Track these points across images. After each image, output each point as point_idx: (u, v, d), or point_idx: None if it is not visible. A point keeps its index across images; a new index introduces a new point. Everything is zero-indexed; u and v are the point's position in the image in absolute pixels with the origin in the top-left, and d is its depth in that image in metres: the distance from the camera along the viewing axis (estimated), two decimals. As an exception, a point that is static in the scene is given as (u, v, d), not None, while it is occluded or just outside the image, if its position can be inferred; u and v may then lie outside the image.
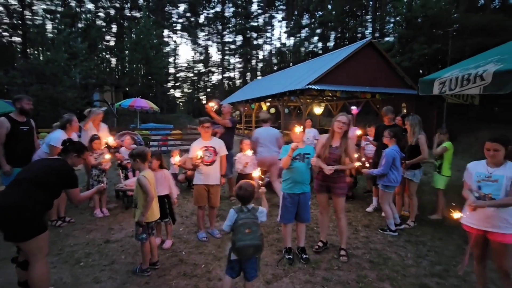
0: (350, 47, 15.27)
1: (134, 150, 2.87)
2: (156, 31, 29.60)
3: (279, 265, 3.02)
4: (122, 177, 4.98)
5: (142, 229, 2.74)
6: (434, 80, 4.36)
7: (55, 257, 3.08)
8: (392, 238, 3.75)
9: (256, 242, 2.13)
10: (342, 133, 3.12)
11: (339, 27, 34.11)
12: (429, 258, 3.23)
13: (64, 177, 2.31)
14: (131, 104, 13.60)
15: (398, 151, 3.84)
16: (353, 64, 13.53)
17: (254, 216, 2.22)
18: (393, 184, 3.81)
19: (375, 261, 3.14)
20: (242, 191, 2.25)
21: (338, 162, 3.09)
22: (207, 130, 3.66)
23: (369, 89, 13.38)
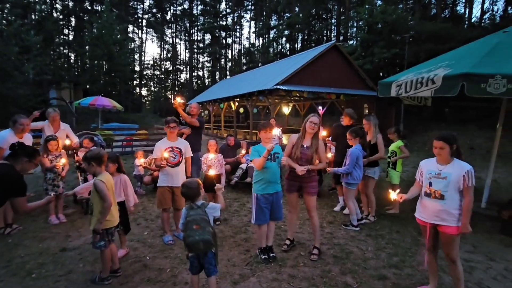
0: (316, 49, 15.77)
1: (88, 153, 2.66)
2: (119, 26, 28.23)
3: (248, 264, 3.03)
4: (81, 180, 4.69)
5: (100, 237, 2.57)
6: (391, 82, 4.64)
7: (2, 269, 2.83)
8: (354, 233, 3.93)
9: (205, 237, 2.19)
10: (313, 134, 3.21)
11: (306, 29, 35.09)
12: (387, 251, 3.43)
13: (9, 185, 2.09)
14: (91, 102, 12.86)
15: (361, 150, 4.03)
16: (319, 66, 13.98)
17: (204, 212, 2.28)
18: (356, 181, 4.00)
19: (339, 256, 3.27)
20: (185, 188, 2.34)
21: (310, 162, 3.16)
22: (172, 131, 3.57)
23: (334, 90, 13.92)
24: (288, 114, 22.94)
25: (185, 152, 3.65)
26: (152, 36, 47.67)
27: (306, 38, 36.82)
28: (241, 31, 51.46)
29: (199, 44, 48.99)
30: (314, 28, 35.40)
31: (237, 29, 50.54)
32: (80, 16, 37.86)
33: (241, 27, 50.89)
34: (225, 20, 49.28)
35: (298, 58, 16.71)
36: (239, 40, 51.36)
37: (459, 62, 3.98)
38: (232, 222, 4.26)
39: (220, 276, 2.80)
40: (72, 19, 38.73)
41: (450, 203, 2.35)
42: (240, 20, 50.45)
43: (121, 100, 22.09)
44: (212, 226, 2.27)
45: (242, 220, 4.37)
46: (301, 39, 38.41)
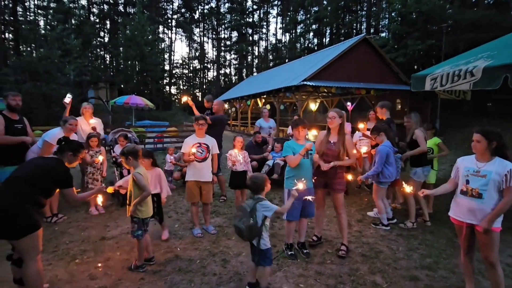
0: (345, 43, 15.31)
1: (125, 148, 2.88)
2: (150, 27, 29.33)
3: (275, 259, 3.07)
4: (117, 174, 4.99)
5: (138, 226, 2.76)
6: (426, 76, 4.41)
7: (50, 254, 3.10)
8: (384, 232, 3.82)
9: (239, 225, 2.29)
10: (338, 128, 3.19)
11: (334, 23, 34.07)
12: (419, 251, 3.30)
13: (58, 177, 2.30)
14: (126, 101, 13.54)
15: (390, 146, 3.88)
16: (348, 60, 13.58)
17: (252, 205, 2.35)
18: (387, 179, 3.86)
19: (367, 255, 3.20)
20: (250, 181, 2.48)
21: (337, 158, 3.14)
22: (201, 127, 3.70)
23: (363, 85, 13.45)
24: (315, 110, 22.56)
25: (212, 148, 3.75)
26: (181, 35, 48.95)
27: (334, 32, 35.79)
28: (268, 28, 51.23)
29: (226, 42, 49.52)
30: (343, 21, 34.30)
31: (263, 26, 50.41)
32: (114, 19, 39.84)
33: (267, 24, 50.65)
34: (251, 17, 49.31)
35: (326, 53, 16.33)
36: (266, 37, 51.19)
37: (502, 52, 3.69)
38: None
39: (247, 270, 2.86)
40: (107, 22, 40.84)
41: (488, 203, 2.21)
42: (267, 16, 50.20)
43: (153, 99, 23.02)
44: (256, 221, 2.31)
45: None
46: (329, 33, 37.46)
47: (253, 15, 49.55)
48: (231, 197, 5.21)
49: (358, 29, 33.07)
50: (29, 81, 15.56)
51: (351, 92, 15.11)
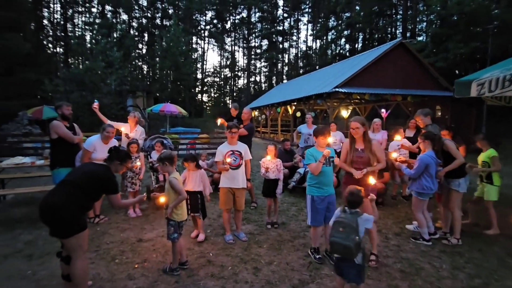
0: (380, 48, 14.83)
1: (162, 154, 3.03)
2: (184, 38, 30.67)
3: (307, 270, 3.00)
4: (153, 179, 5.20)
5: (174, 229, 2.86)
6: (471, 81, 4.12)
7: (93, 253, 3.29)
8: (425, 247, 3.57)
9: (347, 243, 2.15)
10: (362, 136, 3.18)
11: (368, 28, 33.25)
12: (467, 271, 3.03)
13: (104, 183, 2.45)
14: (161, 109, 14.17)
15: (433, 157, 3.63)
16: (383, 66, 13.12)
17: (353, 220, 2.25)
18: (426, 191, 3.62)
19: (407, 271, 3.01)
20: (350, 196, 2.33)
21: (367, 164, 3.12)
22: (233, 135, 3.75)
23: (400, 91, 12.89)
24: (347, 118, 21.99)
25: (245, 155, 3.79)
26: (213, 45, 50.57)
27: (367, 37, 34.91)
28: (298, 35, 51.17)
29: (256, 50, 50.27)
30: (376, 26, 33.34)
31: (293, 33, 50.49)
32: (152, 32, 42.29)
33: (298, 31, 50.68)
34: (282, 25, 49.68)
35: (359, 59, 15.93)
36: (296, 44, 51.19)
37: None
38: (290, 227, 4.25)
39: (279, 279, 2.82)
40: (145, 34, 43.48)
41: None
42: (297, 24, 50.29)
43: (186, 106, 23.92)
44: (360, 236, 2.22)
45: (300, 225, 4.33)
46: (362, 38, 36.58)
47: (283, 23, 49.90)
48: (262, 204, 5.20)
49: (392, 34, 31.92)
50: (76, 91, 16.90)
51: (386, 99, 14.54)
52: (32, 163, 5.16)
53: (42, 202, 2.24)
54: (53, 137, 3.96)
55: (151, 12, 43.60)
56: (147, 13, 43.48)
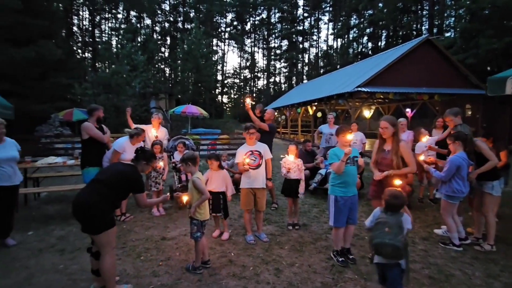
0: (405, 46, 14.32)
1: (185, 155, 3.09)
2: (205, 40, 31.18)
3: (330, 273, 2.94)
4: (176, 179, 5.32)
5: (197, 228, 2.91)
6: (506, 78, 3.88)
7: (119, 250, 3.41)
8: (455, 253, 3.40)
9: (397, 244, 2.10)
10: (392, 137, 3.07)
11: (391, 25, 32.26)
12: (502, 279, 2.85)
13: (132, 182, 2.54)
14: (183, 110, 14.47)
15: (465, 158, 3.45)
16: (408, 64, 12.65)
17: (398, 220, 2.22)
18: (457, 195, 3.45)
19: (436, 277, 2.87)
20: (393, 199, 2.26)
21: (390, 167, 3.02)
22: (251, 136, 3.76)
23: (426, 89, 12.37)
24: (369, 118, 21.43)
25: (265, 154, 3.79)
26: (233, 47, 51.04)
27: (391, 34, 33.85)
28: (318, 34, 50.51)
29: (276, 51, 50.18)
30: (401, 23, 32.24)
31: (314, 33, 49.93)
32: (174, 35, 43.36)
33: (318, 30, 50.06)
34: (302, 25, 49.26)
35: (382, 57, 15.46)
36: (316, 43, 50.56)
37: None
38: (312, 228, 4.20)
39: (301, 281, 2.79)
40: (167, 38, 44.63)
41: None
42: (318, 23, 49.67)
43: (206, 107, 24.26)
44: (405, 237, 2.20)
45: (322, 226, 4.27)
46: (385, 36, 35.54)
47: (303, 22, 49.47)
48: (282, 205, 5.17)
49: (418, 30, 30.74)
50: (103, 93, 17.65)
51: (412, 98, 14.01)
52: (64, 162, 5.44)
53: (75, 199, 2.36)
54: (84, 138, 4.16)
55: (173, 16, 44.75)
56: (170, 17, 44.66)
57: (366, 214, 4.75)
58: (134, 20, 40.85)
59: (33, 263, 3.11)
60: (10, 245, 3.49)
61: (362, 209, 4.97)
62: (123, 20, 37.85)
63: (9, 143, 3.54)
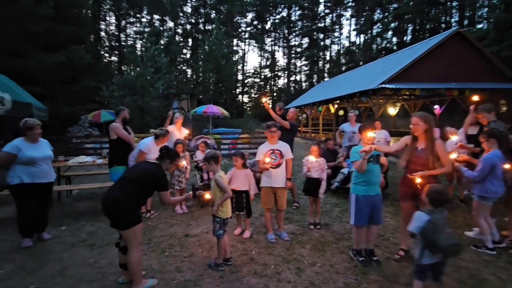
0: (432, 40, 13.69)
1: (208, 154, 3.13)
2: (226, 41, 31.48)
3: (353, 273, 2.88)
4: (198, 177, 5.43)
5: (219, 226, 2.96)
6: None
7: (145, 245, 3.53)
8: (488, 257, 3.21)
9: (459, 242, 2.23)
10: (424, 134, 2.90)
11: (418, 18, 30.89)
12: (542, 286, 2.66)
13: (157, 181, 2.63)
14: (204, 110, 14.71)
15: (500, 157, 3.25)
16: (436, 58, 12.09)
17: (446, 217, 2.30)
18: (490, 195, 3.26)
19: (467, 282, 2.73)
20: (436, 194, 2.31)
21: (426, 166, 2.85)
22: (273, 135, 3.75)
23: (456, 85, 11.76)
24: (394, 115, 20.69)
25: (286, 154, 3.77)
26: (253, 46, 51.13)
27: (417, 28, 32.45)
28: (340, 31, 49.36)
29: (296, 49, 49.70)
30: (428, 15, 30.81)
31: (335, 29, 48.90)
32: (195, 37, 44.16)
33: (340, 26, 48.93)
34: (323, 22, 48.42)
35: (408, 52, 14.88)
36: (338, 40, 49.48)
37: None
38: (333, 228, 4.13)
39: (323, 281, 2.76)
40: (189, 40, 45.51)
41: None
42: (339, 19, 48.55)
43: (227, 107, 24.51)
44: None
45: (344, 226, 4.18)
46: (411, 30, 34.12)
47: (324, 19, 48.60)
48: (303, 204, 5.13)
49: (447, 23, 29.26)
50: (129, 95, 18.32)
51: (440, 94, 13.37)
52: (93, 161, 5.71)
53: (105, 196, 2.47)
54: (112, 138, 4.35)
55: (195, 18, 45.54)
56: (191, 19, 45.50)
57: (390, 215, 4.62)
58: (157, 23, 42.04)
59: (66, 256, 3.30)
60: (46, 239, 3.72)
61: (387, 210, 4.81)
62: (147, 24, 39.11)
63: (44, 143, 3.77)
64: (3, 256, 3.28)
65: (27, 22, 10.23)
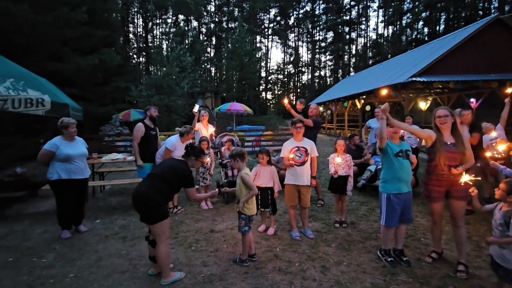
0: (469, 28, 12.82)
1: (234, 151, 3.16)
2: (249, 38, 31.51)
3: (381, 274, 2.80)
4: (223, 174, 5.51)
5: (245, 222, 2.99)
6: None
7: (172, 239, 3.65)
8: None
9: None
10: (451, 128, 2.79)
11: (452, 6, 29.06)
12: None
13: (183, 177, 2.71)
14: (228, 108, 14.89)
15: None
16: (473, 48, 11.31)
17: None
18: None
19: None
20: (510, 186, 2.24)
21: (461, 160, 2.72)
22: (299, 131, 3.71)
23: (495, 76, 10.93)
24: (425, 109, 19.67)
25: (311, 151, 3.71)
26: (276, 42, 50.83)
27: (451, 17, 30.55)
28: (367, 23, 47.70)
29: (320, 43, 48.70)
30: (463, 2, 28.88)
31: (362, 22, 47.29)
32: (219, 35, 44.68)
33: (366, 18, 47.24)
34: (348, 14, 46.99)
35: (441, 43, 14.05)
36: (365, 33, 47.85)
37: None
38: (360, 227, 4.03)
39: (349, 281, 2.70)
40: (213, 38, 46.15)
41: None
42: (366, 10, 46.85)
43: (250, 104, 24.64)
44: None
45: (371, 225, 4.07)
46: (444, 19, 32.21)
47: (350, 12, 47.14)
48: (328, 202, 5.05)
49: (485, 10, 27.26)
50: (156, 94, 18.93)
51: (477, 86, 12.49)
52: (124, 158, 5.98)
53: (135, 192, 2.59)
54: None
55: (218, 17, 46.06)
56: (215, 18, 46.08)
57: (421, 214, 4.43)
58: (182, 23, 43.03)
59: (101, 247, 3.50)
60: (82, 231, 3.97)
61: (417, 209, 4.62)
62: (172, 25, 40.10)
63: (79, 141, 4.01)
64: (46, 246, 3.55)
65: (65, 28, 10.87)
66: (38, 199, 5.57)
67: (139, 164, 4.52)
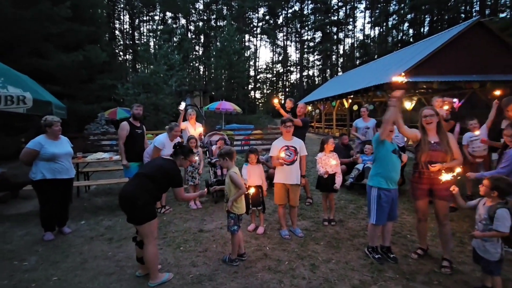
0: (451, 30, 13.19)
1: (223, 150, 3.14)
2: (238, 37, 31.40)
3: (368, 271, 2.84)
4: (212, 173, 5.47)
5: (234, 221, 2.97)
6: None
7: (161, 240, 3.60)
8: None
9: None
10: (436, 127, 2.86)
11: (436, 8, 29.83)
12: None
13: (171, 177, 2.67)
14: (217, 107, 14.79)
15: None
16: (455, 50, 11.64)
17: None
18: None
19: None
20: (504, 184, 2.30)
21: (444, 159, 2.79)
22: (288, 130, 3.72)
23: (477, 77, 11.30)
24: (410, 109, 20.12)
25: (300, 150, 3.73)
26: (265, 41, 50.86)
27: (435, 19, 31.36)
28: (354, 24, 48.38)
29: (309, 43, 49.05)
30: (447, 5, 29.68)
31: (349, 22, 47.92)
32: (207, 33, 44.32)
33: (354, 19, 47.91)
34: (336, 15, 47.52)
35: (425, 44, 14.39)
36: (352, 33, 48.52)
37: None
38: (348, 225, 4.08)
39: (338, 278, 2.73)
40: (201, 37, 45.73)
41: None
42: (353, 11, 47.50)
43: (239, 103, 24.53)
44: None
45: (359, 223, 4.12)
46: (428, 21, 33.01)
47: (338, 12, 47.69)
48: (317, 200, 5.09)
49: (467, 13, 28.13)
50: (143, 93, 18.61)
51: (459, 87, 12.87)
52: (110, 158, 5.85)
53: (121, 192, 2.53)
54: None
55: (207, 15, 45.70)
56: (203, 16, 45.69)
57: (407, 212, 4.52)
58: (170, 21, 42.45)
59: (86, 249, 3.40)
60: (67, 233, 3.85)
61: (403, 206, 4.72)
62: (160, 22, 39.51)
63: (64, 140, 3.89)
64: (28, 249, 3.42)
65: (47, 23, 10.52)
66: (19, 200, 5.38)
67: (124, 163, 4.44)
